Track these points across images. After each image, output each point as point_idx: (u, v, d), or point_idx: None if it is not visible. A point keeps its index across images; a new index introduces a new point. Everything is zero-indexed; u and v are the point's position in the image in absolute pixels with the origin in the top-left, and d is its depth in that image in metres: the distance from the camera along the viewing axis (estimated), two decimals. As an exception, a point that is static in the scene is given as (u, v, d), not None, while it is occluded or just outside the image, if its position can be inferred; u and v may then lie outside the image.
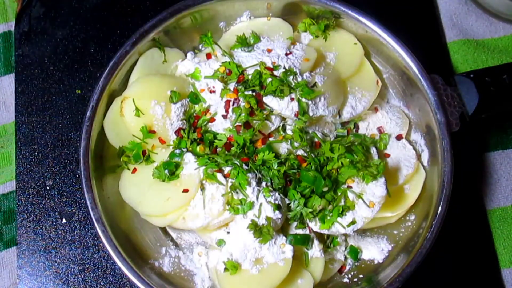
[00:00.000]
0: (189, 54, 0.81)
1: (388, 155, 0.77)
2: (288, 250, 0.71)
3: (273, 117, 0.74)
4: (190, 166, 0.71)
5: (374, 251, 0.77)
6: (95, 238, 0.82)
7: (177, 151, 0.72)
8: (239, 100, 0.72)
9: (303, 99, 0.72)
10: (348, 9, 0.76)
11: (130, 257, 0.70)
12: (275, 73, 0.73)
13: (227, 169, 0.70)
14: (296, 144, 0.73)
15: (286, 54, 0.76)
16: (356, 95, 0.77)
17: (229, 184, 0.70)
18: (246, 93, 0.72)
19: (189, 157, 0.71)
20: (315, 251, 0.73)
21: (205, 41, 0.80)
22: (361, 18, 0.75)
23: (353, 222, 0.71)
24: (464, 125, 0.74)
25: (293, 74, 0.74)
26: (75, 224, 0.83)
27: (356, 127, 0.80)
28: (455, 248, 0.82)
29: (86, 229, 0.83)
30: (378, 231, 0.78)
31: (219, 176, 0.70)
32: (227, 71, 0.75)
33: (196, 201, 0.70)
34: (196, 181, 0.70)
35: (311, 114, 0.73)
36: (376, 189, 0.71)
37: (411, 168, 0.75)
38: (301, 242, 0.72)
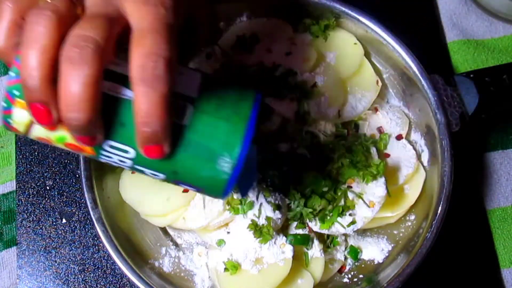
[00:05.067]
0: (189, 54, 0.81)
1: (388, 155, 0.77)
2: (288, 250, 0.71)
3: (273, 117, 0.74)
4: (190, 166, 0.71)
5: (374, 251, 0.77)
6: (95, 238, 0.82)
7: (177, 151, 0.72)
8: (239, 100, 0.72)
9: (303, 99, 0.72)
10: (348, 9, 0.76)
11: (130, 257, 0.70)
12: (275, 73, 0.74)
13: (227, 169, 0.70)
14: (296, 144, 0.73)
15: (286, 54, 0.76)
16: (356, 95, 0.77)
17: (229, 184, 0.70)
18: (246, 93, 0.72)
19: (189, 157, 0.71)
20: (315, 251, 0.73)
21: (205, 41, 0.80)
22: (361, 18, 0.75)
23: (353, 222, 0.71)
24: (464, 125, 0.73)
25: (293, 74, 0.74)
26: (75, 224, 0.83)
27: (356, 127, 0.80)
28: (455, 248, 0.82)
29: (86, 229, 0.83)
30: (378, 231, 0.78)
31: (219, 176, 0.70)
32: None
33: (196, 201, 0.70)
34: (196, 181, 0.70)
35: (311, 114, 0.73)
36: (376, 189, 0.71)
37: (411, 168, 0.75)
38: (301, 242, 0.72)
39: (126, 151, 0.45)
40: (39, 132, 0.45)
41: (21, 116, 0.44)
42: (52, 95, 0.40)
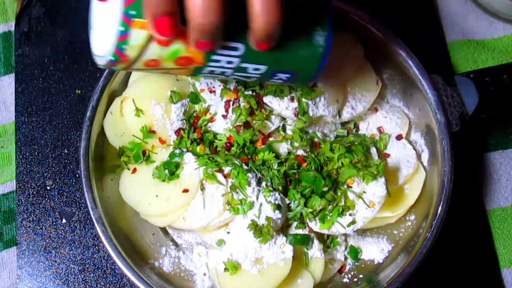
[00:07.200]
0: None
1: (388, 155, 0.77)
2: (288, 250, 0.71)
3: (273, 117, 0.74)
4: (190, 166, 0.71)
5: (374, 251, 0.77)
6: (95, 238, 0.82)
7: (177, 151, 0.72)
8: (239, 100, 0.72)
9: (303, 99, 0.72)
10: (348, 9, 0.76)
11: (130, 257, 0.70)
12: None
13: (227, 169, 0.70)
14: (296, 144, 0.73)
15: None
16: (356, 95, 0.77)
17: (229, 184, 0.70)
18: (246, 93, 0.72)
19: (189, 157, 0.71)
20: (315, 251, 0.73)
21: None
22: (361, 18, 0.75)
23: (353, 222, 0.71)
24: (464, 125, 0.74)
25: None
26: (75, 224, 0.83)
27: (356, 127, 0.80)
28: (455, 248, 0.82)
29: (86, 229, 0.83)
30: (378, 231, 0.78)
31: (219, 176, 0.70)
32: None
33: (196, 201, 0.70)
34: (196, 181, 0.70)
35: (311, 114, 0.73)
36: (376, 189, 0.71)
37: (411, 168, 0.75)
38: (301, 242, 0.72)
39: (236, 49, 0.49)
40: (153, 52, 0.46)
41: (138, 37, 0.44)
42: (177, 5, 0.42)
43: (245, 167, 0.70)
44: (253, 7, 0.44)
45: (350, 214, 0.71)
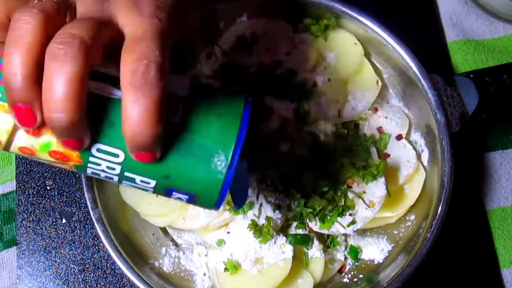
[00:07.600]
0: (189, 54, 0.81)
1: (388, 155, 0.77)
2: (288, 250, 0.71)
3: (273, 117, 0.74)
4: (190, 166, 0.71)
5: (374, 251, 0.77)
6: (95, 238, 0.82)
7: (177, 151, 0.72)
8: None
9: (303, 99, 0.72)
10: (348, 9, 0.76)
11: (130, 257, 0.70)
12: (275, 73, 0.73)
13: (227, 169, 0.70)
14: (296, 144, 0.73)
15: (286, 54, 0.76)
16: (356, 95, 0.77)
17: (229, 184, 0.70)
18: (246, 93, 0.72)
19: (189, 157, 0.71)
20: (315, 251, 0.73)
21: (205, 41, 0.80)
22: (361, 18, 0.75)
23: (353, 222, 0.71)
24: (464, 125, 0.74)
25: (293, 74, 0.74)
26: (75, 224, 0.83)
27: (356, 127, 0.79)
28: (455, 248, 0.82)
29: (86, 229, 0.83)
30: (378, 231, 0.78)
31: (219, 176, 0.70)
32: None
33: (196, 201, 0.70)
34: (196, 181, 0.70)
35: (311, 114, 0.73)
36: (376, 189, 0.71)
37: (411, 168, 0.75)
38: (301, 242, 0.72)
39: (115, 155, 0.42)
40: (22, 140, 0.42)
41: (3, 122, 0.41)
42: (36, 95, 0.38)
43: (245, 167, 0.70)
44: (124, 109, 0.38)
45: (350, 214, 0.71)
